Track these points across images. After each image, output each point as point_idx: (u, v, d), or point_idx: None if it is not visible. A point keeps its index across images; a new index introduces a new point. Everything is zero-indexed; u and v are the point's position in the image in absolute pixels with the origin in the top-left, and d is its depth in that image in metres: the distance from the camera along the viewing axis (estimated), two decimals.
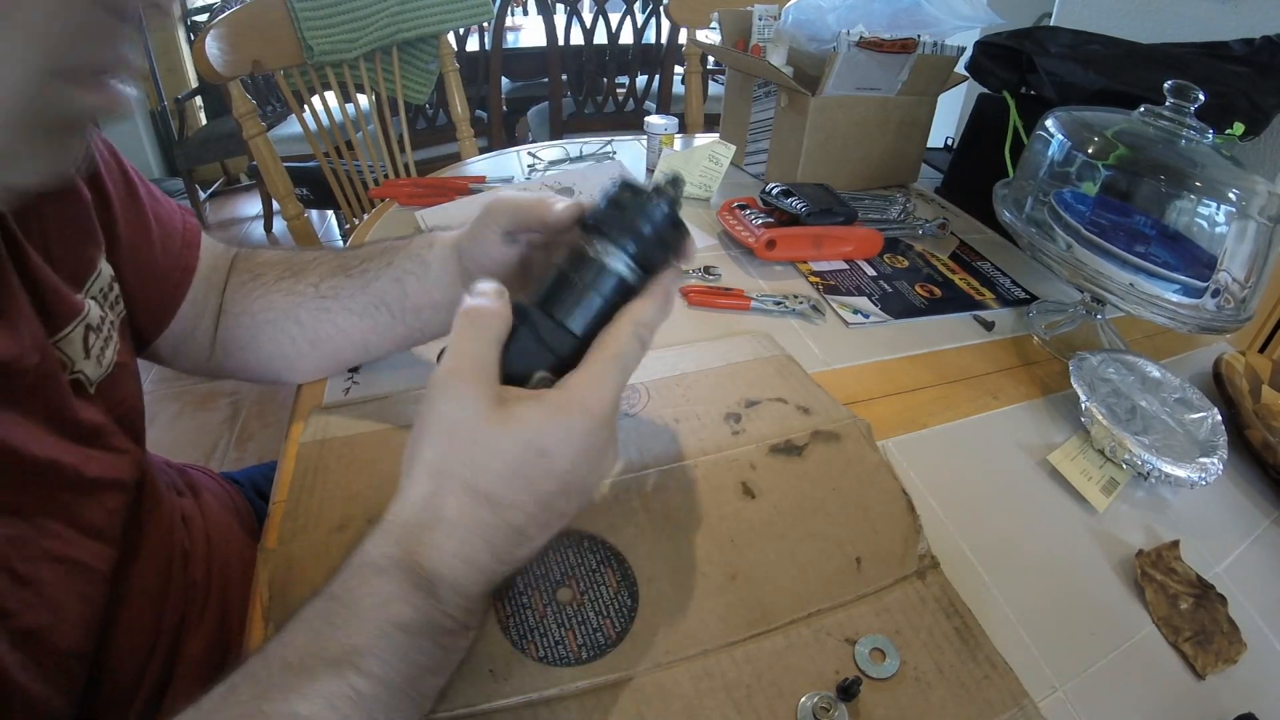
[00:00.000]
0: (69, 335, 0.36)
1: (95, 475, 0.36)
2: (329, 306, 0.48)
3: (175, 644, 0.43)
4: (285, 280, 0.49)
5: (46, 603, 0.33)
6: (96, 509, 0.37)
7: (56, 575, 0.33)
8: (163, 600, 0.43)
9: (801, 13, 0.87)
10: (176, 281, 0.47)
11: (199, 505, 0.52)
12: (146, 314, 0.46)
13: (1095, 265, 0.58)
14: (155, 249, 0.46)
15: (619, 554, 0.40)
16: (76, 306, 0.37)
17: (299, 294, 0.48)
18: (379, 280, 0.47)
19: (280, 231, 2.57)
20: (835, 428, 0.50)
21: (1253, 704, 0.37)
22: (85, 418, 0.37)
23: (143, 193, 0.46)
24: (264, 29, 1.00)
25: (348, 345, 0.49)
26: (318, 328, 0.48)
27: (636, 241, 0.33)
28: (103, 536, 0.37)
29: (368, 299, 0.47)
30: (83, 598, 0.35)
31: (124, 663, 0.39)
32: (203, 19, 2.66)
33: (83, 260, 0.39)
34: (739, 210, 0.79)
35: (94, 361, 0.38)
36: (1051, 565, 0.44)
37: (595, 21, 1.93)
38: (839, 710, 0.33)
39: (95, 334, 0.38)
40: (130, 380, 0.42)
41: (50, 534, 0.34)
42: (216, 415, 1.70)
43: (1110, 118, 0.62)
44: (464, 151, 1.23)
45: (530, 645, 0.35)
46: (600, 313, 0.33)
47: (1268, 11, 0.85)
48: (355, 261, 0.48)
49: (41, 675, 0.32)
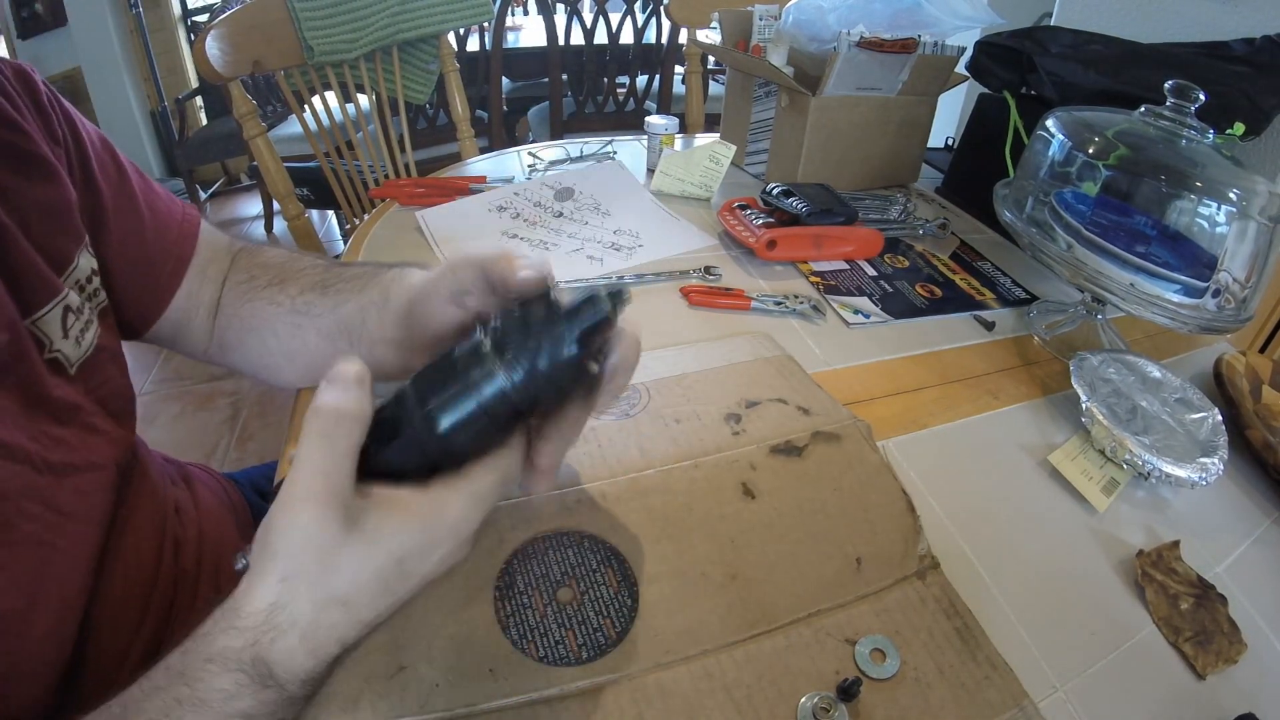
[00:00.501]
0: (47, 315, 0.37)
1: (68, 458, 0.37)
2: (301, 323, 0.47)
3: (161, 630, 0.43)
4: (270, 288, 0.49)
5: (19, 587, 0.33)
6: (69, 491, 0.37)
7: (31, 558, 0.33)
8: (151, 586, 0.43)
9: (802, 13, 0.86)
10: (171, 270, 0.48)
11: (193, 497, 0.52)
12: (138, 300, 0.46)
13: (1096, 265, 0.58)
14: (147, 238, 0.46)
15: (619, 554, 0.40)
16: (55, 287, 0.37)
17: (279, 304, 0.48)
18: (347, 305, 0.46)
19: (280, 231, 2.57)
20: (835, 428, 0.50)
21: (1253, 704, 0.37)
22: (60, 396, 0.37)
23: (136, 183, 0.47)
24: (264, 29, 1.00)
25: (317, 363, 0.48)
26: (291, 341, 0.48)
27: (527, 372, 0.29)
28: (79, 518, 0.37)
29: (333, 321, 0.46)
30: (59, 580, 0.35)
31: (107, 647, 0.40)
32: (203, 19, 2.66)
33: (60, 252, 0.39)
34: (739, 210, 0.79)
35: (73, 342, 0.39)
36: (1052, 565, 0.44)
37: (595, 21, 1.93)
38: (839, 710, 0.33)
39: (75, 316, 0.39)
40: (113, 363, 0.43)
41: (25, 515, 0.34)
42: (217, 415, 1.71)
43: (1111, 118, 0.62)
44: (464, 151, 1.23)
45: (530, 645, 0.35)
46: (476, 421, 0.30)
47: (1268, 11, 0.85)
48: (334, 280, 0.47)
49: (14, 660, 0.32)
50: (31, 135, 0.38)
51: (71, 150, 0.42)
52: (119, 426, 0.43)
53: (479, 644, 0.35)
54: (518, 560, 0.39)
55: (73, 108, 0.44)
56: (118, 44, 2.54)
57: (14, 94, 0.38)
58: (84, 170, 0.43)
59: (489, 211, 0.81)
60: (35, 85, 0.41)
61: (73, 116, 0.43)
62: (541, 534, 0.40)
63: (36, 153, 0.38)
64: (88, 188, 0.43)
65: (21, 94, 0.39)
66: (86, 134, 0.44)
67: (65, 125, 0.42)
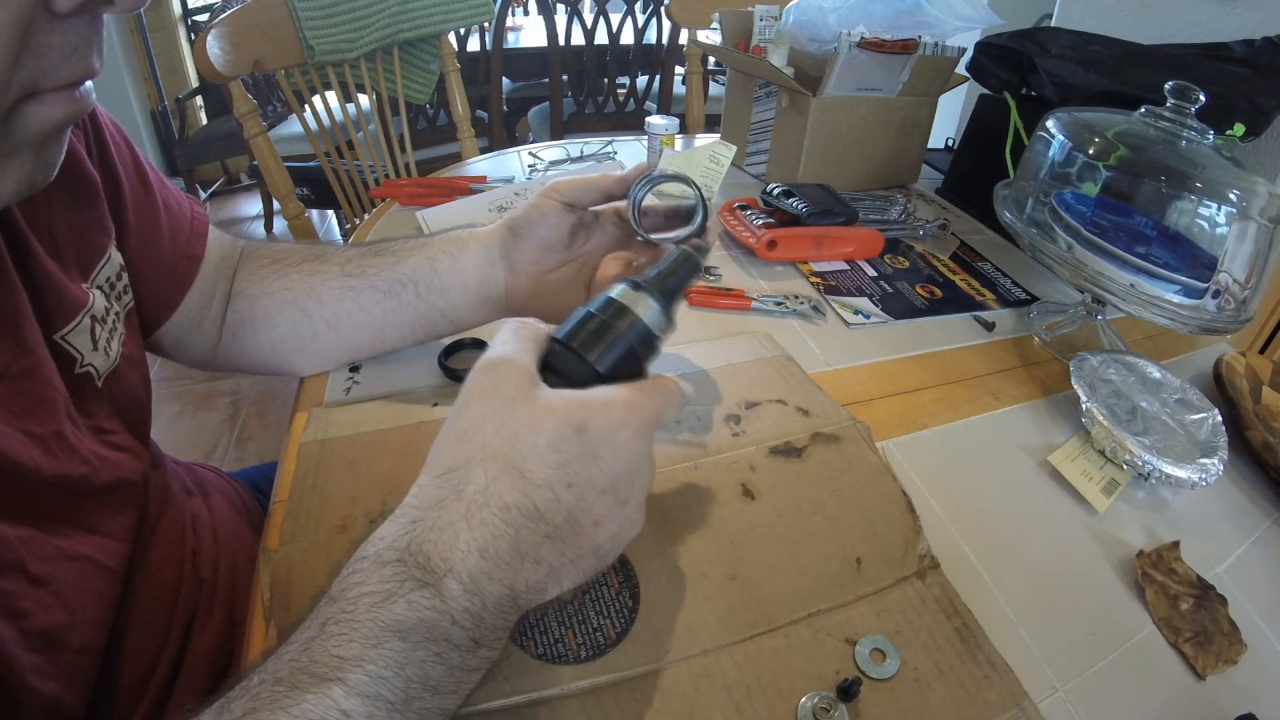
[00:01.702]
0: (76, 328, 0.36)
1: (100, 476, 0.36)
2: (353, 284, 0.48)
3: (185, 641, 0.43)
4: (309, 262, 0.50)
5: (62, 602, 0.32)
6: (103, 508, 0.36)
7: (71, 573, 0.33)
8: (174, 598, 0.43)
9: (802, 13, 0.86)
10: (183, 271, 0.46)
11: (208, 504, 0.52)
12: (152, 302, 0.45)
13: (1096, 266, 0.58)
14: (164, 237, 0.45)
15: (622, 555, 0.39)
16: (81, 299, 0.36)
17: (322, 273, 0.49)
18: (410, 259, 0.48)
19: (281, 231, 2.57)
20: (835, 429, 0.50)
21: (1253, 705, 0.37)
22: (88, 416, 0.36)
23: (154, 179, 0.45)
24: (265, 28, 1.00)
25: (365, 326, 0.49)
26: (338, 305, 0.49)
27: (665, 304, 0.34)
28: (112, 533, 0.37)
29: (395, 276, 0.48)
30: (97, 595, 0.35)
31: (135, 659, 0.39)
32: (203, 19, 2.66)
33: (92, 247, 0.38)
34: (740, 211, 0.79)
35: (102, 353, 0.38)
36: (1052, 566, 0.44)
37: (596, 22, 1.93)
38: (839, 710, 0.33)
39: (100, 325, 0.38)
40: (135, 373, 0.42)
41: (60, 533, 0.33)
42: (216, 415, 1.71)
43: (1111, 119, 0.62)
44: (465, 151, 1.23)
45: (529, 642, 0.35)
46: (624, 356, 0.32)
47: (1268, 12, 0.85)
48: (385, 248, 0.50)
49: (56, 675, 0.31)
50: None
51: (90, 135, 0.40)
52: (141, 437, 0.42)
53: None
54: None
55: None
56: (118, 43, 2.54)
57: None
58: (103, 159, 0.41)
59: (489, 211, 0.81)
60: None
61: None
62: None
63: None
64: (108, 178, 0.41)
65: None
66: (103, 119, 0.42)
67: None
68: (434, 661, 0.25)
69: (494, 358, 0.30)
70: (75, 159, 0.37)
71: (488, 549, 0.26)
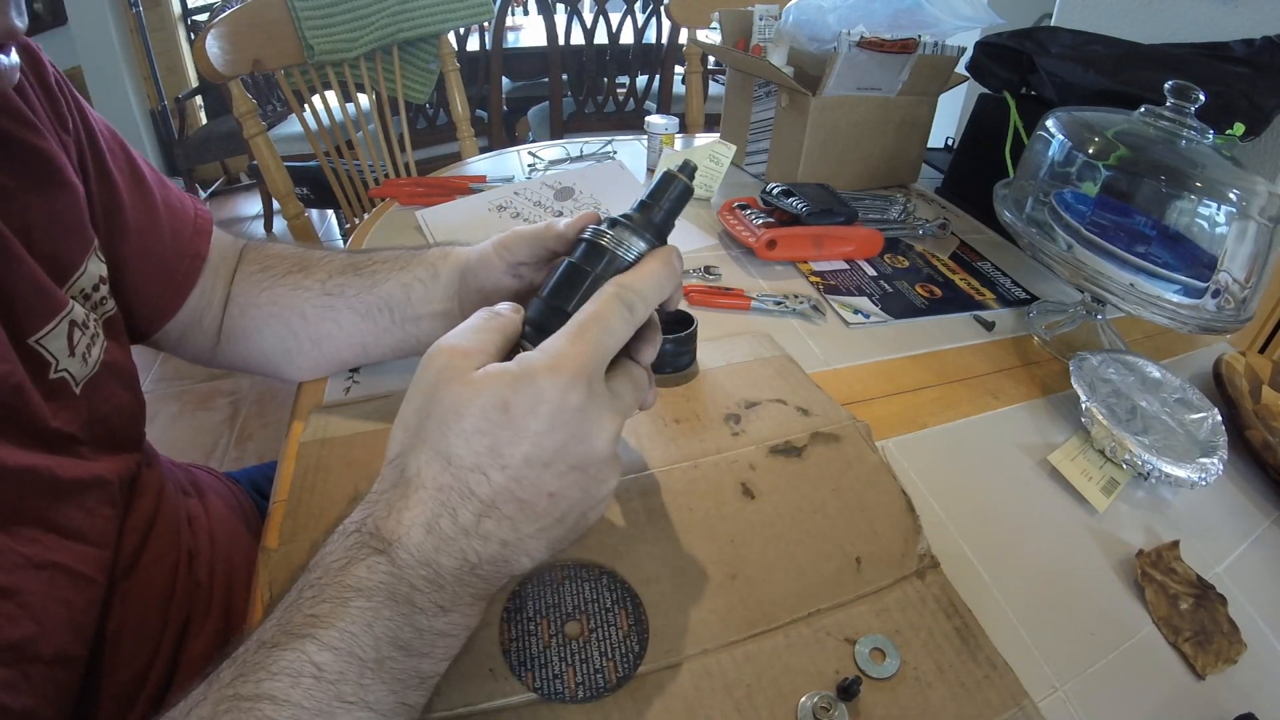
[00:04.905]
0: (52, 332, 0.35)
1: (73, 477, 0.35)
2: (333, 304, 0.48)
3: (179, 644, 0.43)
4: (293, 274, 0.49)
5: (30, 613, 0.31)
6: (75, 511, 0.35)
7: (39, 583, 0.32)
8: (169, 602, 0.43)
9: (802, 13, 0.86)
10: (187, 269, 0.47)
11: (204, 505, 0.52)
12: (154, 300, 0.45)
13: (1096, 265, 0.58)
14: (164, 235, 0.45)
15: (636, 597, 0.38)
16: (60, 302, 0.36)
17: (305, 289, 0.48)
18: (387, 283, 0.47)
19: (280, 231, 2.57)
20: (834, 429, 0.50)
21: (1253, 704, 0.37)
22: (62, 419, 0.35)
23: (150, 179, 0.45)
24: (264, 28, 1.00)
25: (347, 345, 0.49)
26: (320, 324, 0.48)
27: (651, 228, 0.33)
28: (87, 539, 0.35)
29: (372, 299, 0.47)
30: (68, 604, 0.33)
31: (127, 664, 0.39)
32: (203, 18, 2.66)
33: (66, 259, 0.37)
34: (739, 210, 0.79)
35: (79, 360, 0.37)
36: (1051, 565, 0.44)
37: (596, 21, 1.93)
38: (839, 710, 0.33)
39: (81, 331, 0.37)
40: (119, 379, 0.41)
41: (27, 540, 0.32)
42: (216, 415, 1.70)
43: (1111, 118, 0.62)
44: (464, 151, 1.23)
45: (528, 675, 0.34)
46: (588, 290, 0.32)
47: (1268, 12, 0.85)
48: (367, 262, 0.49)
49: (29, 689, 0.31)
50: (38, 127, 0.36)
51: (83, 139, 0.40)
52: (125, 443, 0.41)
53: (478, 644, 0.34)
54: (532, 586, 0.38)
55: (79, 95, 0.41)
56: (118, 43, 2.54)
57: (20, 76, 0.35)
58: (97, 162, 0.41)
59: (489, 211, 0.81)
60: (43, 65, 0.38)
61: (82, 104, 0.41)
62: (561, 563, 0.39)
63: (43, 149, 0.36)
64: (102, 182, 0.41)
65: (28, 74, 0.36)
66: (97, 123, 0.42)
67: (76, 111, 0.40)
68: (401, 622, 0.27)
69: (436, 346, 0.30)
70: (57, 167, 0.37)
71: (432, 525, 0.28)
